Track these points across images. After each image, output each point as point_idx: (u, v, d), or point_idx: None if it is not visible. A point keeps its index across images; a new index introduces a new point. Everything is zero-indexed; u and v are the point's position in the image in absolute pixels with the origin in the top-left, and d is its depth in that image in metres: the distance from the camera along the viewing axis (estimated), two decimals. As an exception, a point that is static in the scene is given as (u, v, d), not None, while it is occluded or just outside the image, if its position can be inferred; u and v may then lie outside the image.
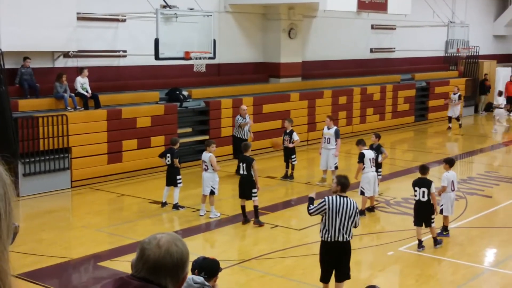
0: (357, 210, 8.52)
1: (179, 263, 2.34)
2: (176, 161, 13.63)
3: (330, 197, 8.37)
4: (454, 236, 11.98)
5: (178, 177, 13.64)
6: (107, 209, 14.30)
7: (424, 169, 11.26)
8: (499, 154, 22.15)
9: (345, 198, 8.35)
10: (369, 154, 13.34)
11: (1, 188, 1.34)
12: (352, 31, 25.40)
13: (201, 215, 13.14)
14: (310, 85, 22.64)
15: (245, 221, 12.62)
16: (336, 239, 8.35)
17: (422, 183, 11.08)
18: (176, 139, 14.14)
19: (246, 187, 12.47)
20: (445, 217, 11.93)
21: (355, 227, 8.49)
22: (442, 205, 11.82)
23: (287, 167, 16.67)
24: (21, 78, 15.27)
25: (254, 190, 12.48)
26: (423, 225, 11.06)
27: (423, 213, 11.04)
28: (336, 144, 15.76)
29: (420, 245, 11.06)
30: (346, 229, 8.33)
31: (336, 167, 15.75)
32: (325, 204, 8.33)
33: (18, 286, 1.42)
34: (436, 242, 11.23)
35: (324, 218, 8.40)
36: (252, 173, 12.39)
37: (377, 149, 14.17)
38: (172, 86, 18.56)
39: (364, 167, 13.16)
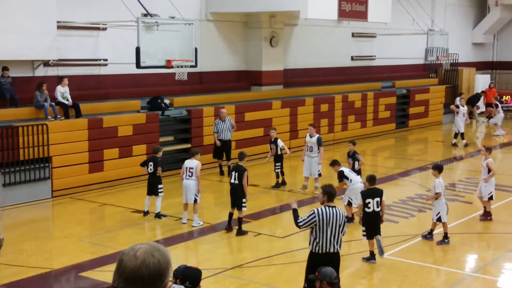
0: (346, 219, 8.52)
1: (156, 274, 2.32)
2: (159, 169, 13.56)
3: (319, 209, 8.29)
4: (435, 242, 12.04)
5: (160, 186, 13.59)
6: (89, 218, 14.19)
7: (373, 179, 11.04)
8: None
9: (333, 208, 8.30)
10: (346, 170, 13.21)
11: None
12: (333, 39, 25.55)
13: (183, 223, 13.10)
14: (292, 93, 22.72)
15: (229, 229, 12.58)
16: (327, 250, 8.27)
17: (375, 193, 10.85)
18: (158, 148, 14.11)
19: (237, 196, 12.41)
20: (444, 224, 11.96)
21: (343, 235, 8.47)
22: (438, 213, 11.87)
23: (277, 176, 16.68)
24: (1, 88, 15.12)
25: (244, 200, 12.45)
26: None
27: (378, 223, 10.85)
28: (318, 152, 15.83)
29: (373, 256, 10.89)
30: (337, 239, 8.28)
31: (319, 175, 15.82)
32: (314, 217, 8.22)
33: None
34: (374, 255, 10.95)
35: (314, 229, 8.30)
36: (242, 182, 12.35)
37: (353, 156, 14.31)
38: (153, 94, 18.51)
39: (351, 181, 12.98)
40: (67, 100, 15.90)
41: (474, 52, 35.59)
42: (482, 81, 32.60)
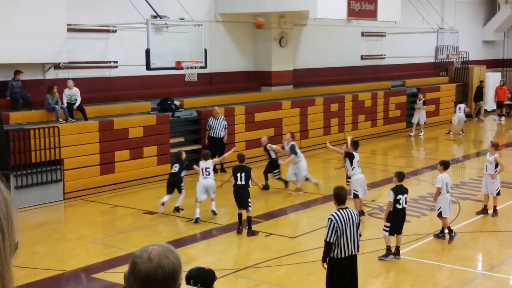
0: (360, 219, 8.47)
1: (170, 276, 2.33)
2: (184, 172, 14.27)
3: (334, 214, 8.26)
4: (447, 241, 11.99)
5: (182, 184, 14.31)
6: (101, 220, 14.24)
7: (402, 176, 11.15)
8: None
9: (346, 210, 8.28)
10: (357, 156, 13.66)
11: (3, 206, 1.34)
12: (343, 38, 25.50)
13: (197, 218, 13.25)
14: (302, 93, 22.69)
15: (241, 230, 12.62)
16: (350, 253, 8.23)
17: (404, 190, 10.96)
18: (180, 153, 14.69)
19: (244, 197, 12.53)
20: (444, 219, 11.97)
21: (360, 236, 8.41)
22: (439, 208, 11.87)
23: (266, 178, 16.34)
24: (12, 91, 15.20)
25: (249, 200, 12.54)
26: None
27: (403, 221, 11.02)
28: (295, 157, 15.73)
29: (391, 251, 10.95)
30: (355, 241, 8.26)
31: (307, 179, 15.87)
32: (334, 222, 8.15)
33: None
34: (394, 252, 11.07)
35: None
36: (250, 182, 12.60)
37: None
38: (163, 96, 18.55)
39: (353, 168, 13.41)
40: (74, 103, 15.84)
41: (484, 50, 35.40)
42: (492, 79, 32.42)
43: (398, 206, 10.85)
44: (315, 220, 13.35)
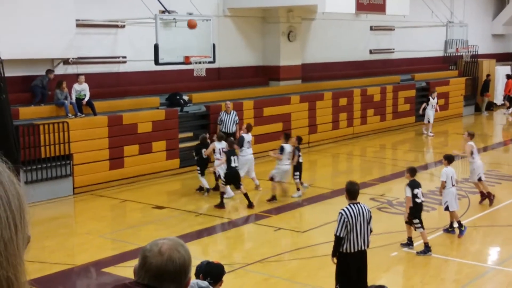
0: (371, 215, 8.45)
1: (181, 269, 2.34)
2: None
3: (345, 208, 8.27)
4: (457, 236, 11.96)
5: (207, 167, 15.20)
6: (110, 215, 14.29)
7: (415, 171, 11.23)
8: (500, 153, 22.14)
9: (358, 205, 8.28)
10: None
11: (16, 199, 1.34)
12: (351, 32, 25.42)
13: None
14: (310, 88, 22.65)
15: (251, 205, 13.88)
16: (359, 248, 8.24)
17: (418, 184, 11.09)
18: (204, 136, 15.47)
19: (238, 177, 14.02)
20: (452, 213, 11.98)
21: (370, 232, 8.39)
22: (446, 202, 11.87)
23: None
24: (36, 85, 15.42)
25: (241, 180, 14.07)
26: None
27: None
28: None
29: (430, 248, 11.05)
30: (366, 236, 8.26)
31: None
32: (344, 217, 8.16)
33: None
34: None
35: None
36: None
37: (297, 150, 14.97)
38: (172, 91, 18.57)
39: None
40: (84, 97, 15.94)
41: (494, 43, 35.20)
42: (502, 73, 32.24)
43: (418, 200, 10.96)
44: (324, 215, 13.35)
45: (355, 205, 8.26)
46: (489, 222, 13.17)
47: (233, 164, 13.87)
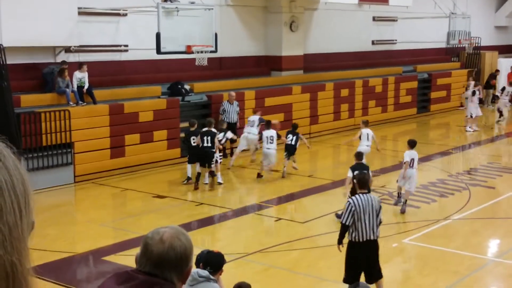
0: (381, 206, 8.46)
1: (182, 257, 2.36)
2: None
3: (354, 197, 8.33)
4: (457, 227, 11.99)
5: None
6: (111, 203, 14.32)
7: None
8: (502, 146, 22.13)
9: (367, 195, 8.33)
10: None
11: (21, 185, 1.34)
12: (354, 23, 25.34)
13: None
14: (312, 78, 22.61)
15: (197, 186, 14.55)
16: (368, 237, 8.26)
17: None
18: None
19: (210, 157, 14.53)
20: (407, 192, 13.10)
21: (379, 223, 8.40)
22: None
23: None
24: (48, 73, 15.47)
25: (215, 158, 14.66)
26: None
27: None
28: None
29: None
30: (374, 226, 8.28)
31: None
32: (352, 206, 8.21)
33: (36, 284, 1.43)
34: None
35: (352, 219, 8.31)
36: (215, 144, 14.59)
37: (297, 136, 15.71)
38: (174, 80, 18.55)
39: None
40: (84, 85, 15.93)
41: (496, 35, 35.09)
42: (505, 65, 32.16)
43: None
44: (325, 205, 13.37)
45: (364, 195, 8.32)
46: (490, 214, 13.18)
47: (205, 144, 14.50)
